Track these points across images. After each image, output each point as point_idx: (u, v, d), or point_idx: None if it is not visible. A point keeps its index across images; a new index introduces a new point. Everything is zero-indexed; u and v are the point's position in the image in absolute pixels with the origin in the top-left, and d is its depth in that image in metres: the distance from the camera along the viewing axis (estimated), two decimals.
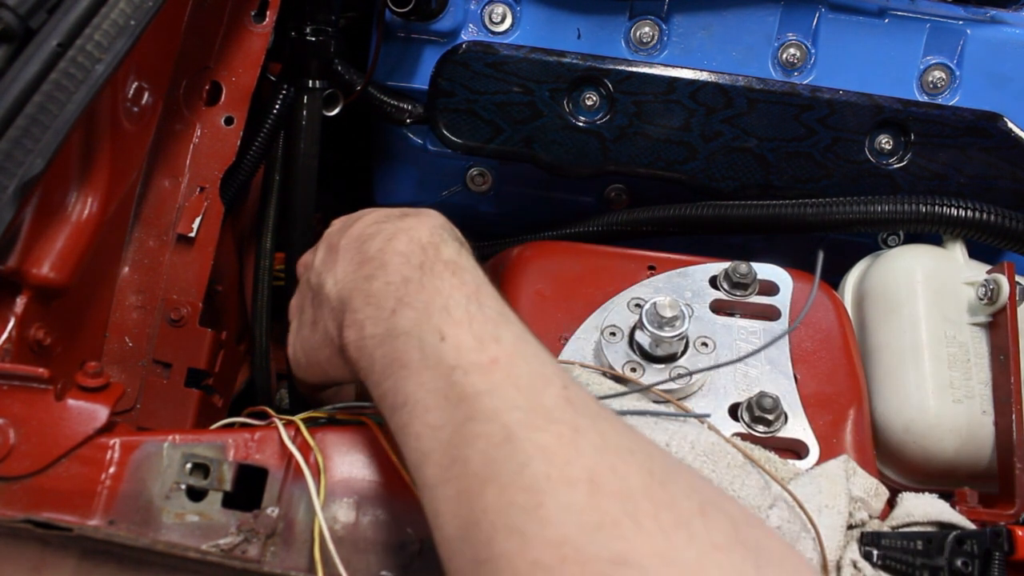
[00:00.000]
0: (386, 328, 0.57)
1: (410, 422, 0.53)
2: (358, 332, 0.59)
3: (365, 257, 0.62)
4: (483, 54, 0.99)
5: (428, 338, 0.54)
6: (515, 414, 0.49)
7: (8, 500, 0.61)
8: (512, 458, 0.47)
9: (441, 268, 0.59)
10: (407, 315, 0.56)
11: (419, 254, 0.60)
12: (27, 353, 0.70)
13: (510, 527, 0.45)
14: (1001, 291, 0.82)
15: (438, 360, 0.53)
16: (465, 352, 0.53)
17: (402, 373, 0.54)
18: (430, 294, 0.57)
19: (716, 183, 1.01)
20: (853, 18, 1.02)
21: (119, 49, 0.67)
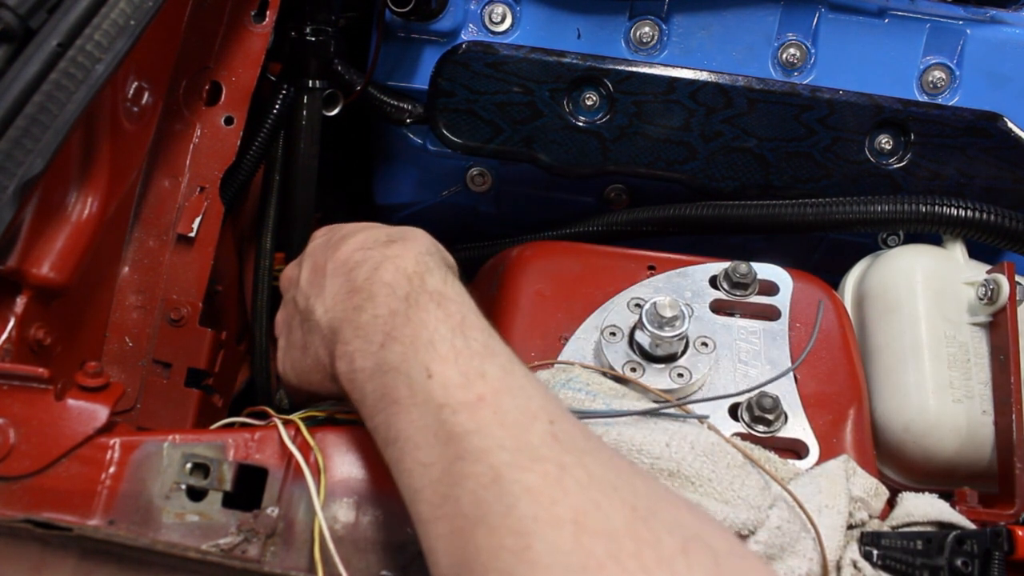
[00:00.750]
0: (375, 362, 0.58)
1: (402, 458, 0.54)
2: (348, 364, 0.61)
3: (353, 286, 0.63)
4: (483, 54, 0.99)
5: (415, 375, 0.55)
6: (502, 455, 0.50)
7: (8, 500, 0.61)
8: (500, 500, 0.48)
9: (426, 300, 0.60)
10: (395, 349, 0.57)
11: (405, 285, 0.61)
12: (27, 353, 0.70)
13: (500, 570, 0.46)
14: (1001, 291, 0.82)
15: (426, 398, 0.54)
16: (452, 390, 0.54)
17: (392, 409, 0.56)
18: (416, 328, 0.58)
19: (716, 183, 1.01)
20: (853, 18, 1.02)
21: (119, 49, 0.67)
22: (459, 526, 0.49)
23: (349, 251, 0.66)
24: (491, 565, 0.47)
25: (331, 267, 0.66)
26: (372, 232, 0.67)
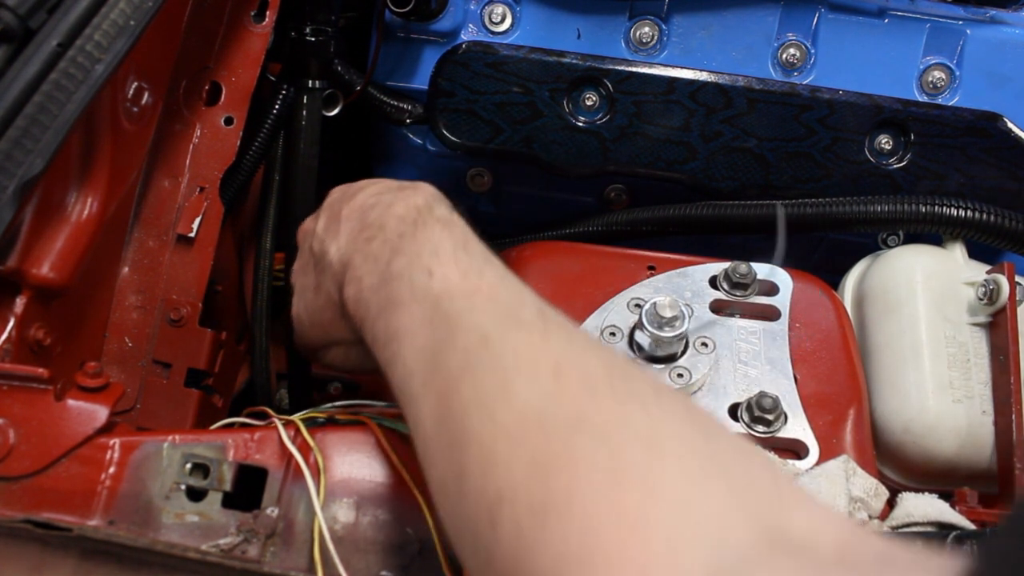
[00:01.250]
0: (380, 277, 0.61)
1: (398, 350, 0.56)
2: (357, 286, 0.63)
3: (365, 223, 0.67)
4: (483, 54, 0.99)
5: (417, 277, 0.58)
6: (492, 324, 0.53)
7: (8, 500, 0.61)
8: (487, 356, 0.51)
9: (433, 222, 0.64)
10: (400, 261, 0.61)
11: (414, 214, 0.64)
12: (27, 353, 0.70)
13: (480, 406, 0.49)
14: (1001, 291, 0.82)
15: (426, 293, 0.57)
16: (451, 283, 0.57)
17: (393, 311, 0.58)
18: (421, 243, 0.61)
19: (716, 183, 1.01)
20: (853, 18, 1.02)
21: (119, 49, 0.67)
22: (446, 387, 0.51)
23: (363, 197, 0.70)
24: (472, 406, 0.49)
25: (346, 212, 0.69)
26: (385, 182, 0.72)
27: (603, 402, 0.47)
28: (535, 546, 0.43)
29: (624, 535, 0.41)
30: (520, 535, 0.44)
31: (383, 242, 0.63)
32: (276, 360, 1.05)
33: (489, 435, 0.47)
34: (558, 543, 0.42)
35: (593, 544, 0.41)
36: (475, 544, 0.47)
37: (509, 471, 0.46)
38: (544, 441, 0.46)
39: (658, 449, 0.44)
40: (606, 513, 0.42)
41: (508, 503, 0.45)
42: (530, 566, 0.43)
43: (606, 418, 0.46)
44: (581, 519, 0.42)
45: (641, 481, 0.43)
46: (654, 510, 0.41)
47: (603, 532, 0.41)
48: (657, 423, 0.46)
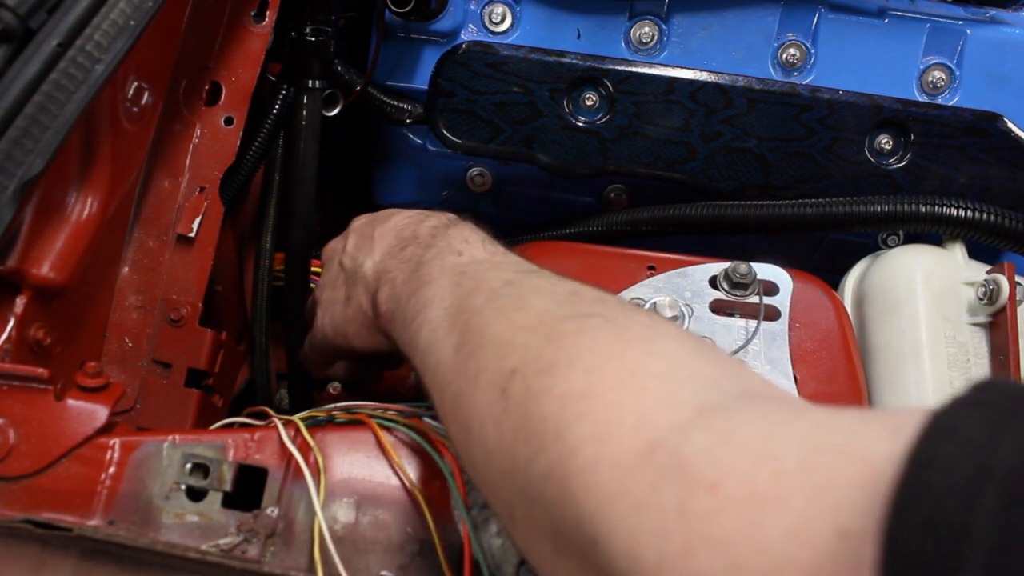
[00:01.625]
0: (413, 267, 0.66)
1: (426, 315, 0.59)
2: (390, 286, 0.68)
3: (400, 238, 0.72)
4: (483, 54, 0.99)
5: (448, 257, 0.64)
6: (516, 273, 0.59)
7: (8, 500, 0.61)
8: (509, 290, 0.56)
9: (463, 225, 0.70)
10: (431, 252, 0.66)
11: (447, 222, 0.71)
12: (27, 353, 0.70)
13: (500, 317, 0.53)
14: (1001, 291, 0.82)
15: (453, 268, 0.62)
16: (477, 257, 0.63)
17: (423, 288, 0.62)
18: (452, 236, 0.67)
19: (716, 183, 1.01)
20: (853, 18, 1.02)
21: (119, 49, 0.67)
22: (467, 319, 0.55)
23: (396, 220, 0.75)
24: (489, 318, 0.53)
25: (379, 232, 0.74)
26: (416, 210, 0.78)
27: (613, 308, 0.52)
28: (541, 395, 0.46)
29: (624, 376, 0.45)
30: (528, 390, 0.47)
31: (416, 245, 0.68)
32: (276, 360, 1.05)
33: (508, 332, 0.51)
34: (562, 386, 0.45)
35: (594, 382, 0.45)
36: (483, 426, 0.49)
37: (525, 350, 0.49)
38: (559, 325, 0.50)
39: (658, 331, 0.50)
40: (608, 362, 0.46)
41: (519, 373, 0.48)
42: (536, 412, 0.46)
43: (615, 314, 0.51)
44: (584, 367, 0.46)
45: (642, 344, 0.48)
46: (653, 361, 0.46)
47: (605, 374, 0.45)
48: (658, 322, 0.52)
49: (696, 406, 0.42)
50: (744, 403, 0.42)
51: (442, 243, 0.66)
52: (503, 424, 0.48)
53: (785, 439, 0.37)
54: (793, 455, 0.36)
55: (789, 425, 0.38)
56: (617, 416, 0.43)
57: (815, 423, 0.38)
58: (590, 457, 0.42)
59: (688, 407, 0.42)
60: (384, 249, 0.72)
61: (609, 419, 0.43)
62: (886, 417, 0.36)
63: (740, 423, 0.39)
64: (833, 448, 0.35)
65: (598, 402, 0.44)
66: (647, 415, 0.42)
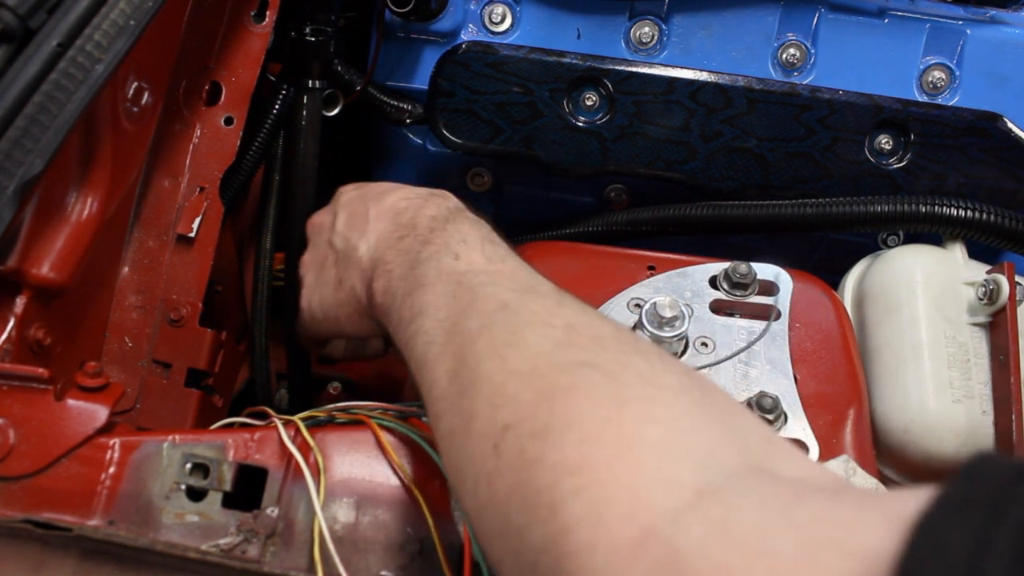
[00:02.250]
0: (410, 264, 0.64)
1: (421, 323, 0.59)
2: (387, 278, 0.66)
3: (399, 224, 0.69)
4: (483, 54, 0.99)
5: (444, 260, 0.62)
6: (511, 294, 0.57)
7: (8, 500, 0.61)
8: (504, 316, 0.54)
9: (463, 219, 0.67)
10: (429, 249, 0.64)
11: (445, 213, 0.68)
12: (27, 353, 0.70)
13: (493, 354, 0.52)
14: (1001, 291, 0.82)
15: (450, 273, 0.61)
16: (475, 264, 0.61)
17: (419, 291, 0.61)
18: (450, 233, 0.65)
19: (716, 183, 1.01)
20: (853, 18, 1.02)
21: (119, 49, 0.67)
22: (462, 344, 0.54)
23: (393, 200, 0.72)
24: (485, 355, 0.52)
25: (375, 212, 0.72)
26: (411, 187, 0.75)
27: (609, 351, 0.50)
28: (535, 462, 0.45)
29: (620, 449, 0.43)
30: (522, 454, 0.46)
31: (415, 238, 0.66)
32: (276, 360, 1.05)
33: (500, 376, 0.50)
34: (556, 455, 0.44)
35: (589, 456, 0.43)
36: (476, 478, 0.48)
37: (517, 404, 0.48)
38: (552, 376, 0.48)
39: (658, 386, 0.48)
40: (604, 431, 0.44)
41: (513, 430, 0.47)
42: (529, 481, 0.45)
43: (612, 361, 0.49)
44: (580, 435, 0.45)
45: (640, 408, 0.46)
46: (651, 430, 0.44)
47: (600, 445, 0.44)
48: (659, 370, 0.49)
49: (694, 489, 0.40)
50: (744, 485, 0.40)
51: (440, 241, 0.64)
52: (495, 483, 0.47)
53: (782, 532, 0.36)
54: (790, 550, 0.35)
55: (787, 516, 0.37)
56: (612, 497, 0.42)
57: (814, 513, 0.37)
58: (584, 541, 0.41)
59: (685, 489, 0.41)
60: (380, 233, 0.70)
61: (604, 500, 0.42)
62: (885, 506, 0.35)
63: (737, 511, 0.38)
64: (831, 542, 0.34)
65: (593, 479, 0.43)
66: (642, 498, 0.41)
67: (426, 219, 0.68)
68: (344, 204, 0.76)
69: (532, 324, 0.53)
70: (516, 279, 0.60)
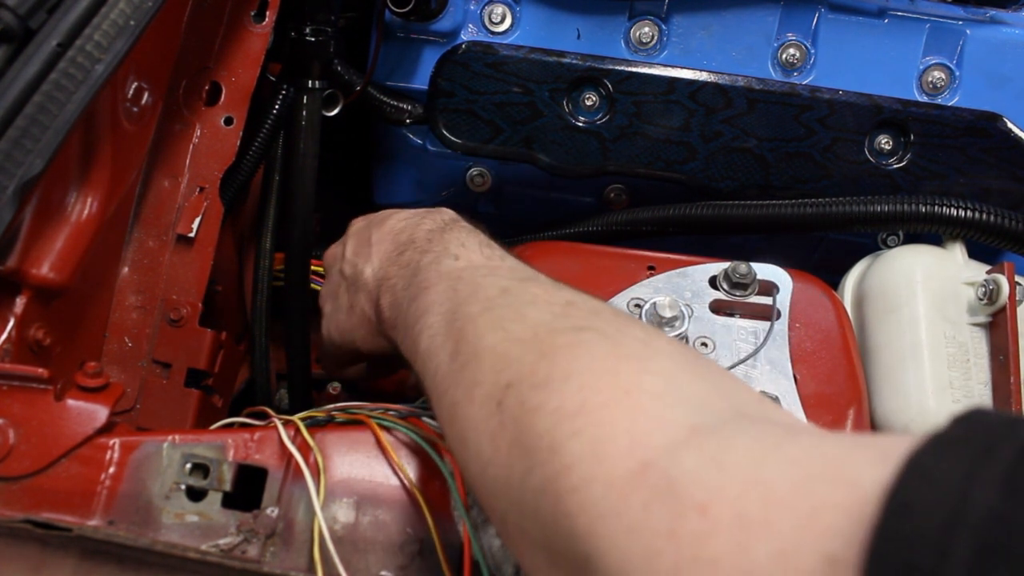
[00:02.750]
0: (412, 273, 0.66)
1: (426, 321, 0.60)
2: (392, 293, 0.68)
3: (398, 243, 0.72)
4: (483, 54, 0.99)
5: (444, 262, 0.64)
6: (512, 281, 0.59)
7: (8, 500, 0.61)
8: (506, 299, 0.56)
9: (460, 228, 0.70)
10: (428, 256, 0.66)
11: (441, 225, 0.71)
12: (27, 353, 0.70)
13: (496, 327, 0.53)
14: (1001, 291, 0.82)
15: (452, 270, 0.62)
16: (474, 261, 0.63)
17: (422, 295, 0.62)
18: (448, 240, 0.67)
19: (716, 183, 1.01)
20: (853, 18, 1.02)
21: (119, 49, 0.67)
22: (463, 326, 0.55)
23: (392, 222, 0.75)
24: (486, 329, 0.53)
25: (376, 236, 0.75)
26: (410, 210, 0.78)
27: (607, 320, 0.53)
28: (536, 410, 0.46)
29: (618, 394, 0.45)
30: (523, 405, 0.47)
31: (414, 250, 0.69)
32: (276, 360, 1.05)
33: (503, 345, 0.52)
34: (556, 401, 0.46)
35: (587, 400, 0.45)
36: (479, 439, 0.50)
37: (520, 364, 0.50)
38: (553, 339, 0.50)
39: (653, 347, 0.50)
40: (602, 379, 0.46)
41: (514, 387, 0.48)
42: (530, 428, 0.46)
43: (610, 326, 0.51)
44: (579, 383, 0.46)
45: (636, 361, 0.48)
46: (647, 380, 0.46)
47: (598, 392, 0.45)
48: (653, 336, 0.52)
49: (689, 427, 0.42)
50: (736, 425, 0.42)
51: (439, 247, 0.67)
52: (498, 438, 0.48)
53: (775, 464, 0.37)
54: (782, 480, 0.36)
55: (780, 449, 0.38)
56: (611, 435, 0.43)
57: (805, 448, 0.38)
58: (584, 476, 0.42)
59: (681, 428, 0.42)
60: (383, 255, 0.73)
61: (603, 438, 0.43)
62: (876, 443, 0.36)
63: (731, 446, 0.39)
64: (822, 474, 0.35)
65: (592, 420, 0.44)
66: (640, 435, 0.42)
67: (423, 232, 0.70)
68: (352, 234, 0.79)
69: (534, 303, 0.55)
70: (515, 272, 0.62)
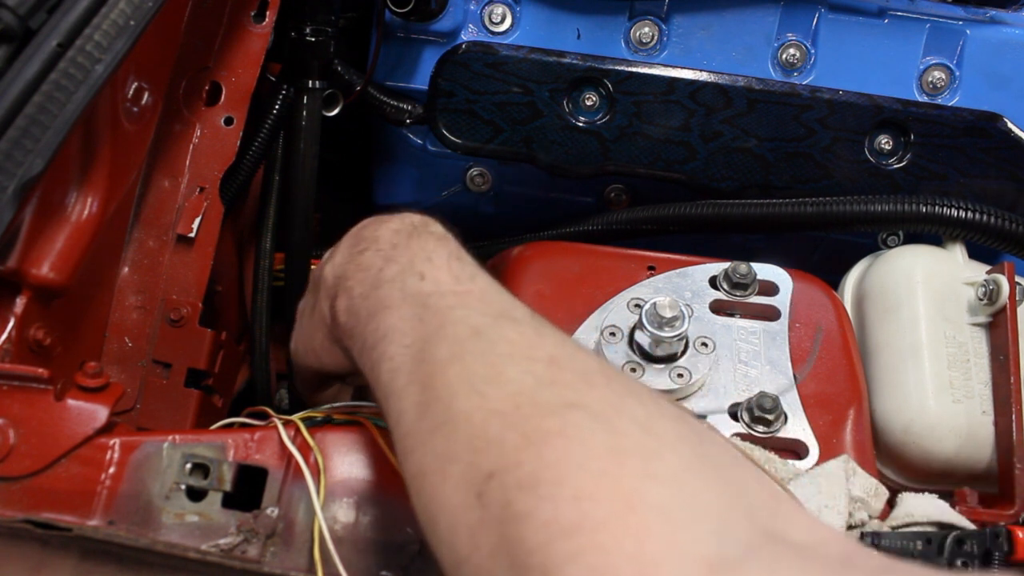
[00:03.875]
0: (372, 283, 0.60)
1: (385, 349, 0.55)
2: (348, 297, 0.62)
3: (359, 238, 0.66)
4: (483, 54, 0.99)
5: (409, 281, 0.58)
6: (484, 319, 0.52)
7: (8, 500, 0.61)
8: (478, 345, 0.50)
9: (428, 235, 0.63)
10: (391, 268, 0.60)
11: (409, 228, 0.64)
12: (27, 353, 0.70)
13: (470, 389, 0.47)
14: (1001, 291, 0.82)
15: (416, 294, 0.56)
16: (442, 285, 0.57)
17: (383, 313, 0.57)
18: (414, 251, 0.61)
19: (716, 183, 1.01)
20: (853, 18, 1.02)
21: (119, 49, 0.67)
22: (431, 373, 0.50)
23: (363, 223, 0.69)
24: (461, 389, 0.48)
25: (345, 238, 0.69)
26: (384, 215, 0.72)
27: (599, 390, 0.46)
28: (524, 518, 0.41)
29: (619, 509, 0.39)
30: (509, 507, 0.42)
31: (375, 252, 0.63)
32: (276, 360, 1.05)
33: (480, 415, 0.46)
34: (548, 512, 0.40)
35: (586, 514, 0.39)
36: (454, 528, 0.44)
37: (501, 448, 0.44)
38: (539, 419, 0.44)
39: (655, 436, 0.44)
40: (601, 487, 0.40)
41: (497, 479, 0.43)
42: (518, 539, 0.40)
43: (603, 403, 0.45)
44: (574, 490, 0.40)
45: (639, 460, 0.42)
46: (653, 489, 0.40)
47: (598, 504, 0.40)
48: (653, 415, 0.45)
49: (706, 561, 0.37)
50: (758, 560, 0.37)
51: (403, 259, 0.60)
52: (479, 536, 0.43)
53: None
54: None
55: None
56: (615, 565, 0.38)
57: None
58: None
59: (696, 562, 0.37)
60: (343, 252, 0.67)
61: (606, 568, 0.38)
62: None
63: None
64: None
65: (591, 542, 0.38)
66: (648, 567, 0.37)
67: (388, 232, 0.64)
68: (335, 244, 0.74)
69: (511, 356, 0.49)
70: (487, 302, 0.55)
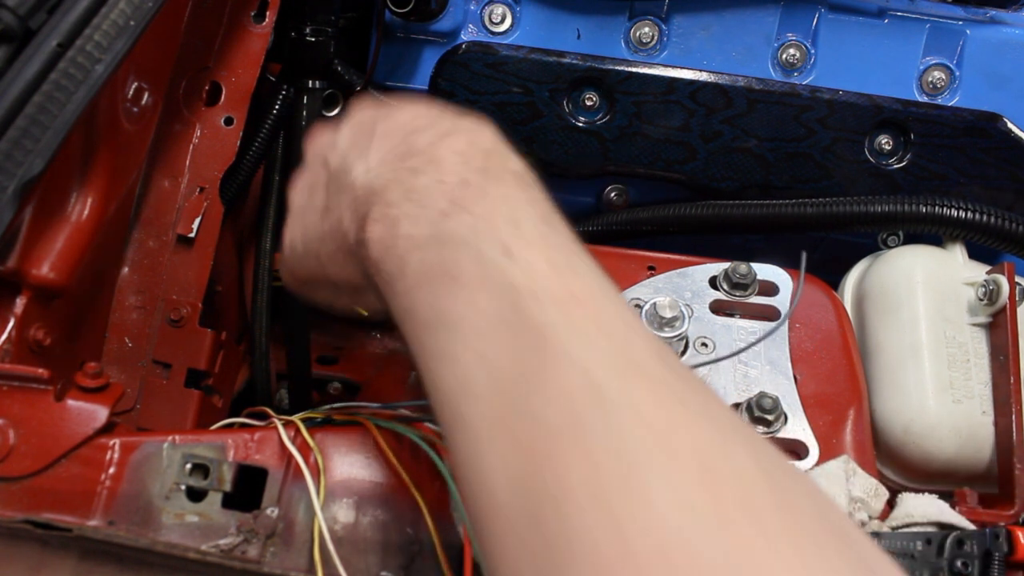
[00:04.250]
0: (431, 231, 0.48)
1: (452, 347, 0.44)
2: (389, 229, 0.50)
3: (411, 148, 0.52)
4: (483, 54, 0.99)
5: (489, 251, 0.45)
6: (603, 366, 0.40)
7: (8, 500, 0.61)
8: (601, 419, 0.38)
9: (510, 177, 0.50)
10: (463, 220, 0.47)
11: (481, 158, 0.51)
12: (27, 353, 0.70)
13: (598, 501, 0.36)
14: (1001, 291, 0.82)
15: (501, 279, 0.44)
16: (538, 277, 0.44)
17: (447, 287, 0.46)
18: (494, 202, 0.48)
19: (716, 183, 1.01)
20: (853, 18, 1.02)
21: (119, 49, 0.67)
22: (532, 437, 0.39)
23: (409, 115, 0.56)
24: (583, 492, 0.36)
25: (382, 128, 0.55)
26: (436, 106, 0.57)
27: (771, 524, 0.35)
28: None
29: None
30: None
31: (437, 182, 0.49)
32: (276, 360, 1.05)
33: (613, 558, 0.35)
34: None
35: None
36: None
37: None
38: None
39: None
40: None
41: None
42: None
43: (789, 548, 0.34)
44: None
45: None
46: None
47: None
48: None
49: None
50: None
51: (479, 209, 0.48)
52: None
53: None
54: None
55: None
56: None
57: None
58: None
59: None
60: (384, 154, 0.53)
61: None
62: None
63: None
64: None
65: None
66: None
67: (453, 156, 0.51)
68: (354, 122, 0.59)
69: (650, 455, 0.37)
70: (600, 324, 0.43)
